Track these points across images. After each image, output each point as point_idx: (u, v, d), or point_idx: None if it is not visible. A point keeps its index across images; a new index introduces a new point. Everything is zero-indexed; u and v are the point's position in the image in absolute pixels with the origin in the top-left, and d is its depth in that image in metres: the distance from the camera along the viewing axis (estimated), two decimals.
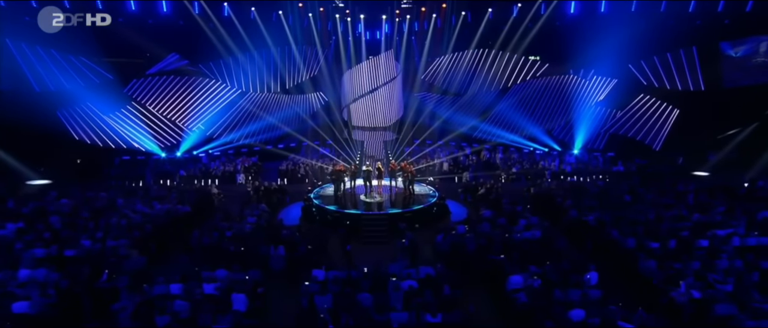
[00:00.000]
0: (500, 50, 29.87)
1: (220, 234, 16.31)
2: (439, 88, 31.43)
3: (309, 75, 30.93)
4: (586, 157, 28.70)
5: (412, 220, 19.06)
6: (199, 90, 28.57)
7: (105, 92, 26.17)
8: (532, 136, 30.69)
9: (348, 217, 19.19)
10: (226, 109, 29.47)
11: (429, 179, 25.79)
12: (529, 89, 30.79)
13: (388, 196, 21.88)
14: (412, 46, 30.92)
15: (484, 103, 31.16)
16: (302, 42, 29.66)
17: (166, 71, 27.90)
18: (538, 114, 30.57)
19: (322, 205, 20.33)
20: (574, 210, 18.85)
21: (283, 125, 30.51)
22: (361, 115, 31.76)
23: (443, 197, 21.59)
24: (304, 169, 27.29)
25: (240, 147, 30.60)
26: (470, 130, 31.02)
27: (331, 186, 22.22)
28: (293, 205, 22.50)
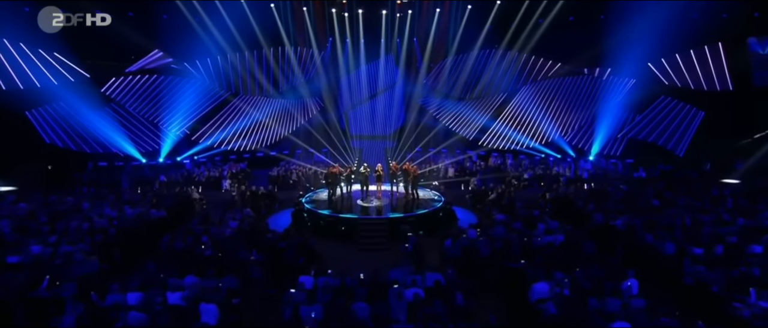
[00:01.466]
0: (508, 49, 28.47)
1: (195, 239, 14.33)
2: (442, 92, 30.31)
3: (304, 77, 29.64)
4: (603, 163, 27.03)
5: (416, 225, 17.36)
6: (184, 91, 27.07)
7: (80, 92, 24.41)
8: (544, 141, 29.30)
9: (343, 222, 17.63)
10: (214, 112, 28.18)
11: (433, 183, 24.13)
12: (539, 91, 29.44)
13: (388, 200, 20.33)
14: (414, 47, 29.71)
15: (491, 106, 29.89)
16: (297, 42, 28.47)
17: (148, 69, 26.35)
18: (549, 118, 29.09)
19: (314, 209, 18.70)
20: (598, 214, 17.03)
21: (276, 129, 29.51)
22: (359, 123, 31.01)
23: (450, 201, 19.73)
24: (296, 174, 25.65)
25: (228, 153, 29.09)
26: (476, 135, 29.95)
27: (325, 191, 20.61)
28: (283, 211, 20.85)
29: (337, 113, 30.51)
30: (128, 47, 24.49)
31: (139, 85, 26.31)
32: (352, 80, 30.26)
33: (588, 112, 28.43)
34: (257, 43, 27.36)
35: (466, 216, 20.19)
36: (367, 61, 29.84)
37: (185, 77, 26.87)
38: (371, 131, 31.34)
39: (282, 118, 29.99)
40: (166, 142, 26.83)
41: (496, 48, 28.71)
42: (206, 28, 25.21)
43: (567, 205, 19.59)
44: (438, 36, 28.70)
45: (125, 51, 24.91)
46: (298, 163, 27.24)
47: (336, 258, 15.08)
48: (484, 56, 29.33)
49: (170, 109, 26.64)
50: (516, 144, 29.44)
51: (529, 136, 29.25)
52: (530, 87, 29.60)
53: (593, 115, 28.28)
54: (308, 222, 18.57)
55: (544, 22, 26.76)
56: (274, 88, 29.04)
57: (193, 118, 27.57)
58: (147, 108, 26.51)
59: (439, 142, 29.74)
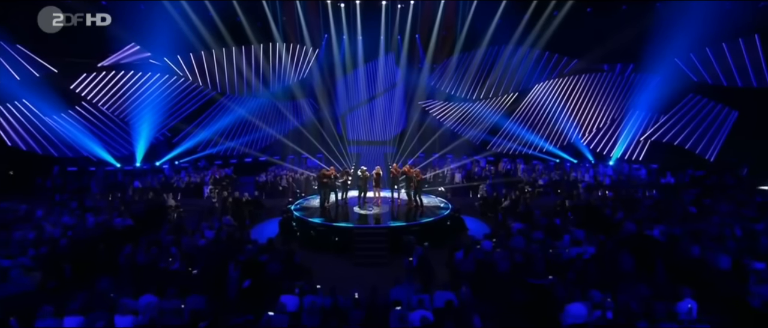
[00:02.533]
0: (519, 45, 26.94)
1: (161, 250, 12.41)
2: (447, 93, 29.17)
3: (297, 76, 28.42)
4: (625, 168, 25.32)
5: (421, 235, 15.61)
6: (164, 89, 25.49)
7: (47, 89, 22.71)
8: (559, 144, 27.92)
9: (336, 232, 16.03)
10: (197, 113, 26.71)
11: (439, 189, 22.58)
12: (553, 90, 27.94)
13: (388, 208, 18.77)
14: (416, 44, 28.40)
15: (500, 107, 28.60)
16: (290, 38, 27.32)
17: (122, 65, 24.68)
18: (564, 119, 27.58)
19: (304, 218, 17.02)
20: (630, 223, 15.20)
21: (267, 132, 28.35)
22: (357, 127, 30.13)
23: (458, 209, 18.05)
24: (287, 180, 23.96)
25: (213, 157, 27.54)
26: (484, 138, 28.74)
27: (318, 198, 19.03)
28: (269, 221, 19.26)
29: (332, 116, 29.40)
30: (101, 40, 22.79)
31: (113, 82, 24.65)
32: (349, 81, 29.17)
33: (607, 113, 26.95)
34: (245, 38, 26.02)
35: (476, 225, 18.65)
36: (366, 60, 28.76)
37: (165, 74, 25.37)
38: (370, 136, 30.43)
39: (273, 120, 28.78)
40: (143, 146, 25.38)
41: (506, 44, 27.30)
42: (188, 20, 23.85)
43: (591, 213, 17.90)
44: (442, 32, 27.51)
45: (98, 44, 23.18)
46: (289, 168, 25.67)
47: (328, 274, 13.53)
48: (493, 53, 28.07)
49: (148, 109, 25.11)
50: (528, 148, 28.11)
51: (542, 139, 27.96)
52: (543, 86, 28.15)
53: (613, 116, 26.82)
54: (297, 232, 17.00)
55: (559, 14, 25.26)
56: (265, 87, 27.71)
57: (173, 119, 26.15)
58: (122, 107, 24.96)
59: (444, 146, 28.49)
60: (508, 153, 28.40)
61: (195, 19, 23.91)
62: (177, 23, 23.39)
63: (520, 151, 28.22)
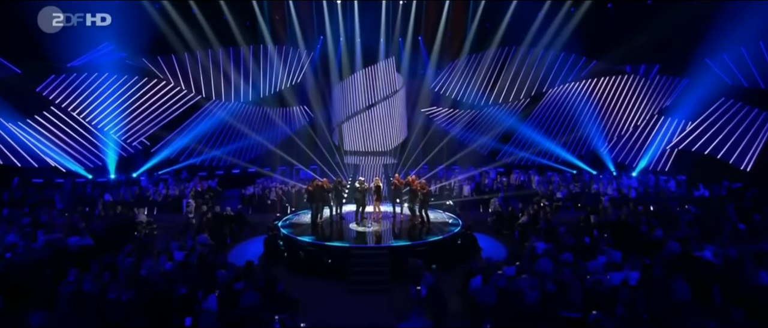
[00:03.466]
0: (532, 46, 25.67)
1: (115, 276, 10.39)
2: (453, 100, 27.94)
3: (290, 82, 27.16)
4: (651, 180, 23.64)
5: (428, 256, 14.02)
6: (142, 93, 24.11)
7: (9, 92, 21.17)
8: (578, 153, 26.50)
9: (329, 252, 14.29)
10: (179, 120, 25.29)
11: (447, 202, 20.85)
12: (570, 94, 26.54)
13: (389, 224, 17.07)
14: (419, 47, 27.27)
15: (512, 114, 27.21)
16: (282, 40, 26.13)
17: (95, 66, 23.08)
18: (582, 126, 26.14)
19: (292, 236, 15.27)
20: (673, 242, 13.24)
21: (256, 141, 26.94)
22: (355, 137, 28.82)
23: (470, 225, 16.24)
24: (275, 193, 22.14)
25: (196, 168, 26.02)
26: (493, 147, 27.52)
27: (309, 213, 17.25)
28: (253, 239, 17.41)
29: (328, 125, 28.31)
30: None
31: (85, 85, 23.05)
32: (347, 86, 27.93)
33: (630, 119, 25.46)
34: (232, 39, 24.74)
35: (490, 244, 16.87)
36: (364, 64, 27.60)
37: (143, 77, 24.00)
38: (369, 146, 29.05)
39: (262, 129, 27.31)
40: (113, 155, 23.87)
41: (518, 45, 26.05)
42: (169, 17, 22.60)
43: (623, 230, 15.95)
44: (448, 32, 26.39)
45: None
46: (280, 179, 24.15)
47: (317, 304, 11.93)
48: (504, 55, 26.78)
49: (124, 115, 23.65)
50: (543, 157, 26.66)
51: (559, 147, 26.53)
52: (559, 90, 26.72)
53: (636, 123, 25.31)
54: (284, 252, 15.21)
55: (577, 12, 23.87)
56: (254, 93, 26.45)
57: (152, 127, 24.69)
58: (94, 113, 23.39)
59: (450, 156, 27.18)
60: (519, 164, 27.03)
61: (176, 16, 22.71)
62: (156, 21, 22.25)
63: (533, 162, 26.85)
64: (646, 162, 24.76)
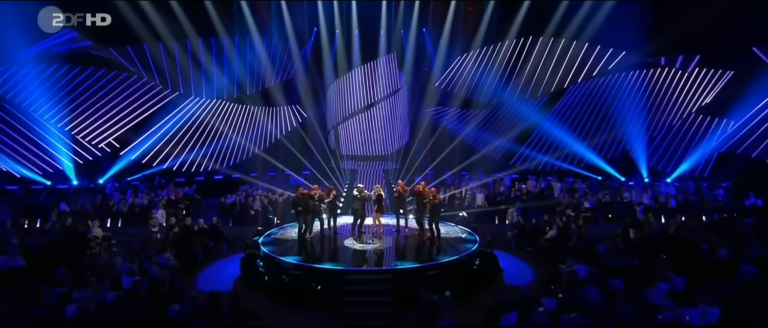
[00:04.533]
0: (555, 37, 24.45)
1: (29, 311, 8.06)
2: (461, 99, 27.03)
3: (279, 79, 26.32)
4: (691, 187, 21.86)
5: (439, 282, 12.04)
6: (110, 88, 22.83)
7: None
8: (607, 156, 24.90)
9: (319, 276, 12.23)
10: (152, 119, 23.88)
11: (460, 213, 19.06)
12: (594, 92, 25.13)
13: (392, 240, 15.05)
14: (424, 39, 26.22)
15: (529, 114, 25.76)
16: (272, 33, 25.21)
17: (55, 55, 21.55)
18: (609, 127, 24.66)
19: (273, 255, 13.19)
20: (749, 265, 10.93)
21: (242, 144, 26.08)
22: (352, 140, 28.54)
23: (490, 242, 14.24)
24: (260, 202, 20.31)
25: (172, 173, 24.56)
26: (508, 151, 26.32)
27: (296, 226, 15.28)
28: (231, 257, 15.26)
29: (322, 127, 27.42)
30: None
31: (41, 78, 21.52)
32: (343, 85, 27.56)
33: (664, 118, 23.98)
34: (212, 29, 23.63)
35: (512, 265, 14.90)
36: (363, 60, 27.07)
37: (111, 69, 22.74)
38: (368, 150, 28.75)
39: (248, 130, 26.22)
40: (81, 158, 22.71)
41: (538, 36, 24.83)
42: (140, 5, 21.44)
43: (675, 248, 13.60)
44: (457, 23, 25.39)
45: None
46: (266, 187, 22.54)
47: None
48: (523, 48, 25.66)
49: (88, 114, 22.50)
50: (565, 162, 25.23)
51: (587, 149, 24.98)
52: (582, 86, 25.32)
53: (671, 122, 23.89)
54: (264, 276, 13.02)
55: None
56: (239, 90, 25.51)
57: (121, 127, 23.33)
58: (52, 110, 21.90)
59: (456, 162, 25.86)
60: (536, 170, 25.50)
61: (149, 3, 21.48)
62: (126, 7, 21.18)
63: (553, 167, 25.36)
64: (686, 167, 23.20)
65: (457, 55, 26.33)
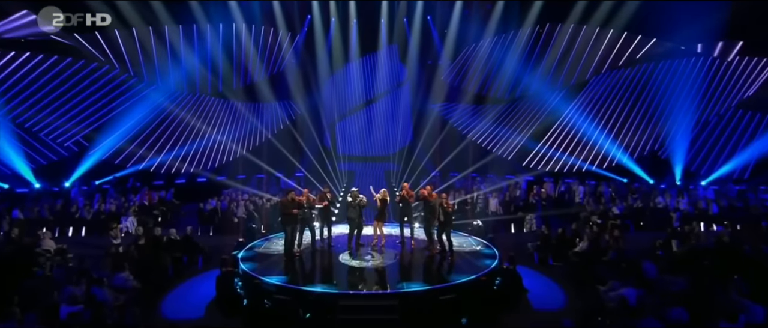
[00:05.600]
0: (582, 23, 23.43)
1: None
2: (472, 94, 26.45)
3: (268, 73, 25.78)
4: (733, 190, 20.72)
5: (454, 308, 10.77)
6: (76, 79, 21.96)
7: None
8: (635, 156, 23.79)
9: (308, 301, 10.84)
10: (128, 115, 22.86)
11: (474, 222, 17.52)
12: (620, 84, 24.12)
13: (396, 255, 13.57)
14: (429, 29, 25.54)
15: (547, 109, 24.95)
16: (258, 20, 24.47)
17: (10, 41, 20.69)
18: (636, 124, 23.74)
19: (253, 274, 11.74)
20: None
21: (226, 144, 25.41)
22: (350, 140, 28.11)
23: (512, 256, 12.67)
24: (245, 208, 18.99)
25: (148, 176, 23.61)
26: (522, 151, 25.45)
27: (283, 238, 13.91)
28: (209, 273, 13.70)
29: (317, 125, 26.68)
30: None
31: None
32: (340, 79, 27.07)
33: (701, 113, 22.91)
34: (190, 15, 22.84)
35: (537, 283, 13.36)
36: (362, 52, 26.50)
37: (78, 59, 21.95)
38: (367, 150, 28.32)
39: (235, 128, 25.51)
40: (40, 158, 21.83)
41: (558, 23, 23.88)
42: None
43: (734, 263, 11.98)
44: (465, 10, 24.62)
45: None
46: (252, 191, 21.55)
47: None
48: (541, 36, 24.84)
49: (50, 109, 21.68)
50: (587, 162, 24.20)
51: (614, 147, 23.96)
52: (605, 78, 24.31)
53: (708, 118, 22.93)
54: (243, 299, 11.47)
55: None
56: (223, 84, 24.70)
57: (90, 123, 22.48)
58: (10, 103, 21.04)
59: (465, 164, 25.31)
60: (552, 171, 24.61)
61: None
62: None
63: (572, 168, 24.46)
64: (728, 168, 22.17)
65: (467, 42, 25.42)
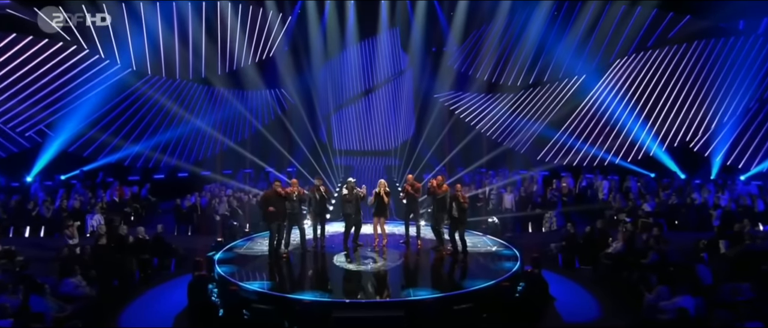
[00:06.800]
0: None
1: None
2: (481, 81, 25.94)
3: (256, 57, 25.26)
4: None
5: (471, 320, 9.76)
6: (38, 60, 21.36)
7: None
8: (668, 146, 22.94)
9: (297, 311, 9.79)
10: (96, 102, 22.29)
11: (489, 220, 16.87)
12: (648, 67, 23.08)
13: (400, 256, 12.72)
14: (435, 10, 25.08)
15: (563, 96, 24.26)
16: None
17: None
18: (665, 112, 22.83)
19: (231, 279, 10.73)
20: None
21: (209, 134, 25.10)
22: (348, 133, 28.18)
23: (537, 258, 11.88)
24: (228, 205, 18.24)
25: (122, 170, 23.16)
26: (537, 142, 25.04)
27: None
28: (181, 278, 12.69)
29: (311, 116, 26.30)
30: None
31: None
32: (336, 66, 26.92)
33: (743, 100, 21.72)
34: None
35: (565, 291, 12.42)
36: (360, 38, 26.27)
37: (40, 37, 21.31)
38: (366, 144, 28.41)
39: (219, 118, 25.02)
40: None
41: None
42: None
43: None
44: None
45: None
46: (237, 186, 21.02)
47: None
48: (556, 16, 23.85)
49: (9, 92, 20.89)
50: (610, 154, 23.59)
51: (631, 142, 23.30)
52: (631, 61, 23.32)
53: (748, 104, 21.71)
54: (218, 309, 10.48)
55: None
56: (207, 69, 24.18)
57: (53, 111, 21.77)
58: None
59: (473, 158, 24.55)
60: (571, 166, 23.94)
61: None
62: None
63: (598, 161, 23.70)
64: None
65: (474, 25, 24.77)
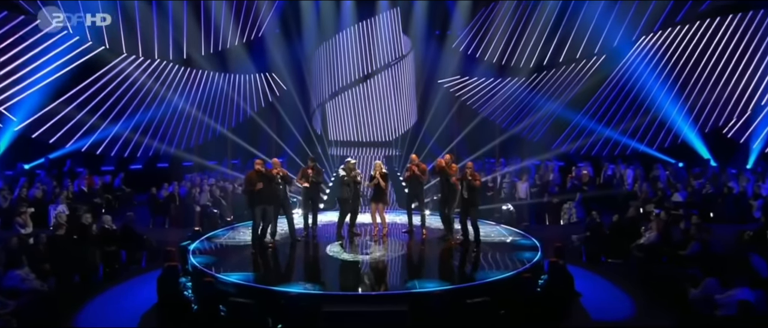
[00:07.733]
0: None
1: None
2: (489, 64, 25.63)
3: (244, 37, 25.00)
4: None
5: (486, 315, 9.11)
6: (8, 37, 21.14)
7: None
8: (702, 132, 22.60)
9: (282, 306, 9.03)
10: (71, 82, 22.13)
11: (503, 207, 16.61)
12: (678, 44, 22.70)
13: (403, 246, 12.52)
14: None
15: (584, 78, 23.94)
16: None
17: None
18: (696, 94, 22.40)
19: (205, 270, 10.08)
20: None
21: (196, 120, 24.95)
22: (344, 122, 28.06)
23: (560, 248, 11.26)
24: (210, 194, 17.66)
25: (95, 159, 22.64)
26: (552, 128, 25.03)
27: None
28: (149, 274, 12.15)
29: (304, 104, 26.31)
30: None
31: None
32: (330, 50, 26.81)
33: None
34: None
35: (591, 286, 11.80)
36: (357, 18, 26.34)
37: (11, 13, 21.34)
38: (363, 134, 28.16)
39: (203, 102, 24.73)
40: None
41: None
42: None
43: None
44: None
45: None
46: (221, 171, 21.40)
47: None
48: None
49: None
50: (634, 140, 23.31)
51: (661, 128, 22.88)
52: (657, 38, 22.86)
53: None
54: (191, 304, 9.80)
55: None
56: (192, 50, 24.04)
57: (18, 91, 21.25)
58: None
59: (481, 146, 24.53)
60: (590, 155, 23.80)
61: None
62: None
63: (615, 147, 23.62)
64: None
65: (482, 5, 24.71)
